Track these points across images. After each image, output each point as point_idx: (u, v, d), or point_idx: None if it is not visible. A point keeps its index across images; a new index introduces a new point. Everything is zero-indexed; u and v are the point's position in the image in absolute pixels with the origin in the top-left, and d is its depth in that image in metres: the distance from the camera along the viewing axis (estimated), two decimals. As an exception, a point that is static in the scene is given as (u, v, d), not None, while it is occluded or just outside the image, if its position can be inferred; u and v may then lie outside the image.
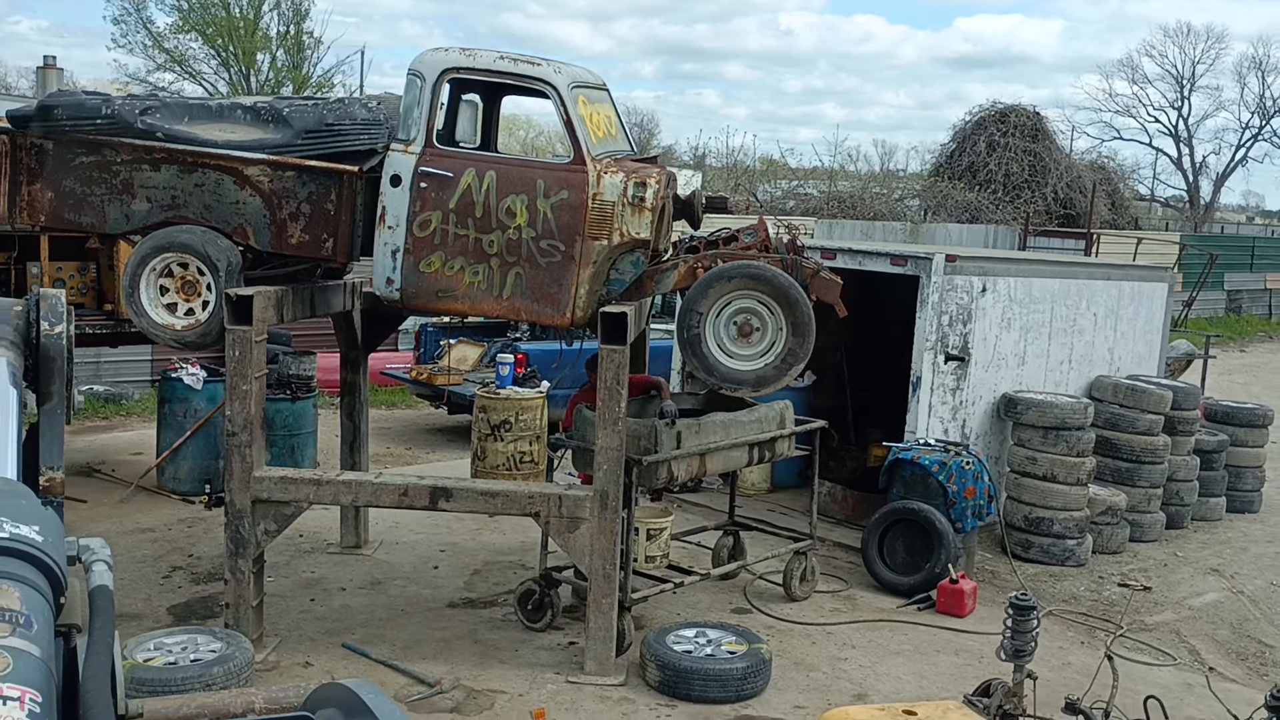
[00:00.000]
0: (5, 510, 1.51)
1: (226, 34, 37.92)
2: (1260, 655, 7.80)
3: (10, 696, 1.25)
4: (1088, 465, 9.42)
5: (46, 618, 1.44)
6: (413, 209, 6.43)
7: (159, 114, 6.58)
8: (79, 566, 1.65)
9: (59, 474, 2.13)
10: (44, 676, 1.33)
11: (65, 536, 1.63)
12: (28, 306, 2.22)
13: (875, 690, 6.63)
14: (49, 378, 2.21)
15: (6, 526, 1.48)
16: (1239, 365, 24.36)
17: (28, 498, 1.60)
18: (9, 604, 1.38)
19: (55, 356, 2.20)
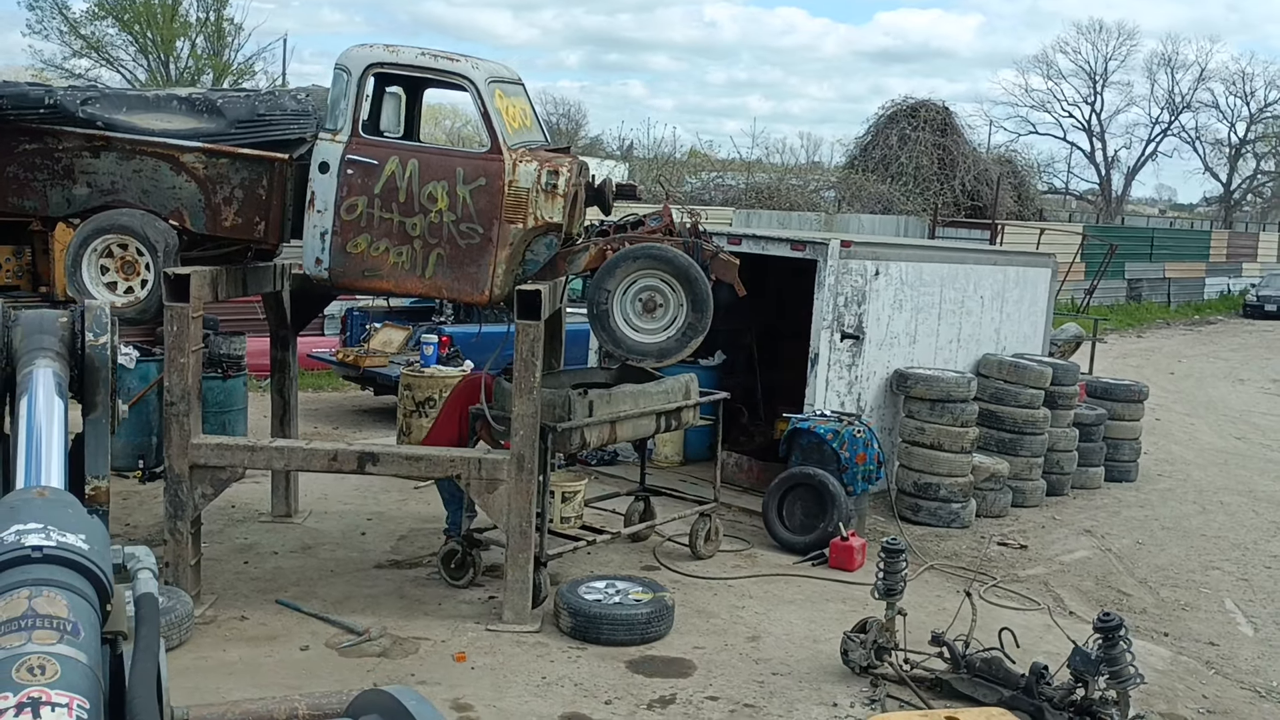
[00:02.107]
0: (52, 519, 1.52)
1: (145, 20, 37.50)
2: (1119, 602, 8.61)
3: (58, 703, 1.25)
4: (971, 435, 10.21)
5: (93, 625, 1.44)
6: (340, 194, 6.93)
7: (99, 104, 7.00)
8: (124, 574, 1.66)
9: (104, 483, 2.20)
10: (91, 683, 1.33)
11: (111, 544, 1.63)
12: (72, 317, 2.22)
13: (768, 633, 7.30)
14: (94, 388, 2.21)
15: (54, 535, 1.49)
16: (1135, 350, 25.59)
17: (74, 506, 1.62)
18: (56, 611, 1.38)
19: (100, 367, 2.20)
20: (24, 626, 1.35)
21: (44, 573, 1.44)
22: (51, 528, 1.50)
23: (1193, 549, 10.21)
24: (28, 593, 1.40)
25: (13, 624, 1.35)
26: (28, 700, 1.24)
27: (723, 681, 6.52)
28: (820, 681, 6.58)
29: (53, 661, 1.31)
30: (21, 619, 1.36)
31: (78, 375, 2.18)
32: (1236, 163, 67.67)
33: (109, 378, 2.24)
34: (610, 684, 6.38)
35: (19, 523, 1.49)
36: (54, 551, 1.47)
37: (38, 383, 2.02)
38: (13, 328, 2.16)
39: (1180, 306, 35.82)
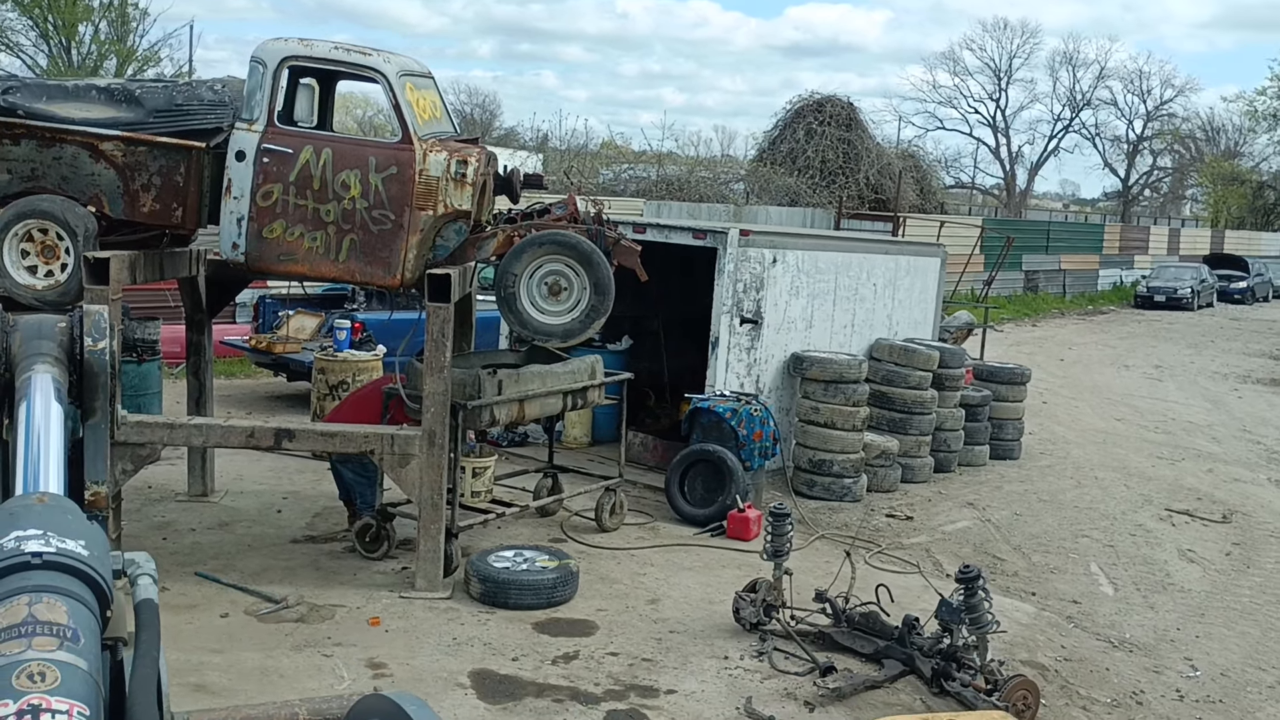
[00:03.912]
0: (52, 525, 1.51)
1: (45, 4, 36.61)
2: (993, 566, 9.26)
3: (59, 710, 1.24)
4: (862, 414, 10.82)
5: (93, 631, 1.42)
6: (256, 181, 7.23)
7: (19, 93, 7.21)
8: (124, 580, 1.66)
9: (103, 488, 2.19)
10: (91, 689, 1.32)
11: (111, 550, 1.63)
12: (71, 323, 2.23)
13: (667, 596, 7.79)
14: (93, 393, 2.22)
15: (53, 541, 1.48)
16: (1029, 338, 26.65)
17: (74, 513, 1.61)
18: (56, 618, 1.37)
19: (99, 372, 2.20)
20: (24, 633, 1.34)
21: (44, 579, 1.43)
22: (51, 534, 1.48)
23: (1066, 519, 10.96)
24: (27, 599, 1.39)
25: (13, 630, 1.34)
26: (28, 707, 1.23)
27: (623, 639, 6.99)
28: (713, 638, 7.08)
29: (53, 668, 1.29)
30: (21, 625, 1.35)
31: (76, 380, 2.18)
32: (1134, 159, 70.16)
33: (108, 383, 2.23)
34: (518, 643, 6.81)
35: (18, 529, 1.49)
36: (54, 558, 1.45)
37: (36, 388, 2.03)
38: (11, 333, 2.17)
39: (1075, 297, 37.22)
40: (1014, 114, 67.68)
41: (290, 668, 6.24)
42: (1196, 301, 36.60)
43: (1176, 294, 36.33)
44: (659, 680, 6.42)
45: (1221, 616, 8.61)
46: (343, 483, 8.44)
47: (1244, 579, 9.57)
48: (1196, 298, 36.65)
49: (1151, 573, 9.52)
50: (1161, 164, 71.82)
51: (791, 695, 6.34)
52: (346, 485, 8.39)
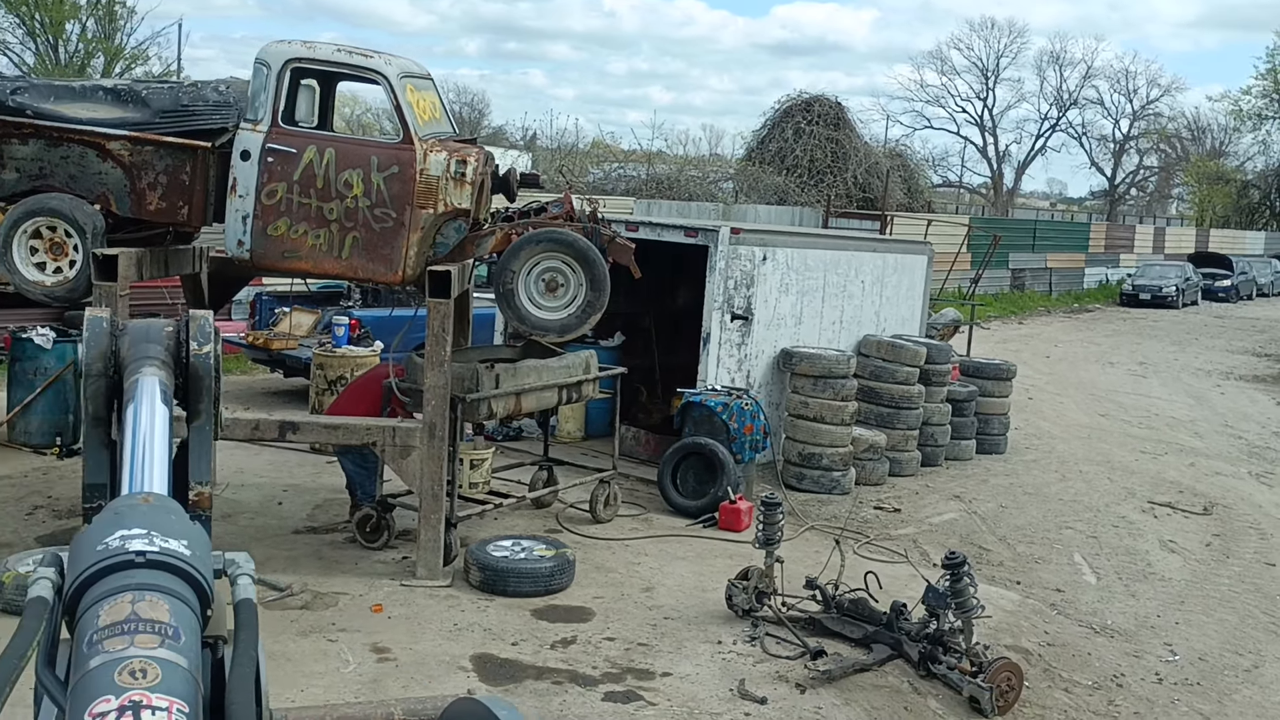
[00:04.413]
0: (156, 525, 1.54)
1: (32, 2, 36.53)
2: (979, 556, 9.48)
3: (159, 707, 1.26)
4: (850, 408, 11.04)
5: (194, 630, 1.45)
6: (261, 180, 7.41)
7: (28, 93, 7.38)
8: (224, 580, 1.68)
9: (207, 489, 2.22)
10: (190, 687, 1.34)
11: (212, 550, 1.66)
12: (178, 327, 2.27)
13: (661, 584, 7.99)
14: (198, 396, 2.25)
15: (157, 540, 1.50)
16: (1015, 335, 26.93)
17: (177, 513, 1.64)
18: (158, 616, 1.40)
19: (204, 375, 2.24)
20: (127, 630, 1.37)
21: (147, 578, 1.46)
22: (155, 533, 1.52)
23: (1050, 511, 11.19)
24: (131, 597, 1.42)
25: (116, 628, 1.37)
26: (129, 703, 1.26)
27: (619, 625, 7.19)
28: (707, 624, 7.29)
29: (154, 665, 1.32)
30: (125, 623, 1.38)
31: (182, 383, 2.24)
32: (1120, 158, 70.65)
33: (212, 386, 2.27)
34: (516, 629, 7.00)
35: (124, 528, 1.52)
36: (157, 557, 1.48)
37: (144, 391, 2.08)
38: (120, 337, 2.22)
39: (1061, 295, 37.55)
40: (1001, 113, 68.18)
41: (297, 652, 6.43)
42: (1181, 300, 36.95)
43: (1161, 292, 36.67)
44: (655, 664, 6.63)
45: (1201, 604, 8.85)
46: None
47: (1223, 568, 9.81)
48: (1181, 296, 37.00)
49: (1133, 562, 9.75)
50: (1148, 163, 72.37)
51: (783, 678, 6.55)
52: (348, 475, 8.57)
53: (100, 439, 2.19)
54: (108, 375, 2.19)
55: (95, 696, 1.27)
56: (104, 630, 1.37)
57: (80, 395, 2.17)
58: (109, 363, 2.19)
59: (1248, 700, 7.09)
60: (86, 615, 1.42)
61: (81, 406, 2.18)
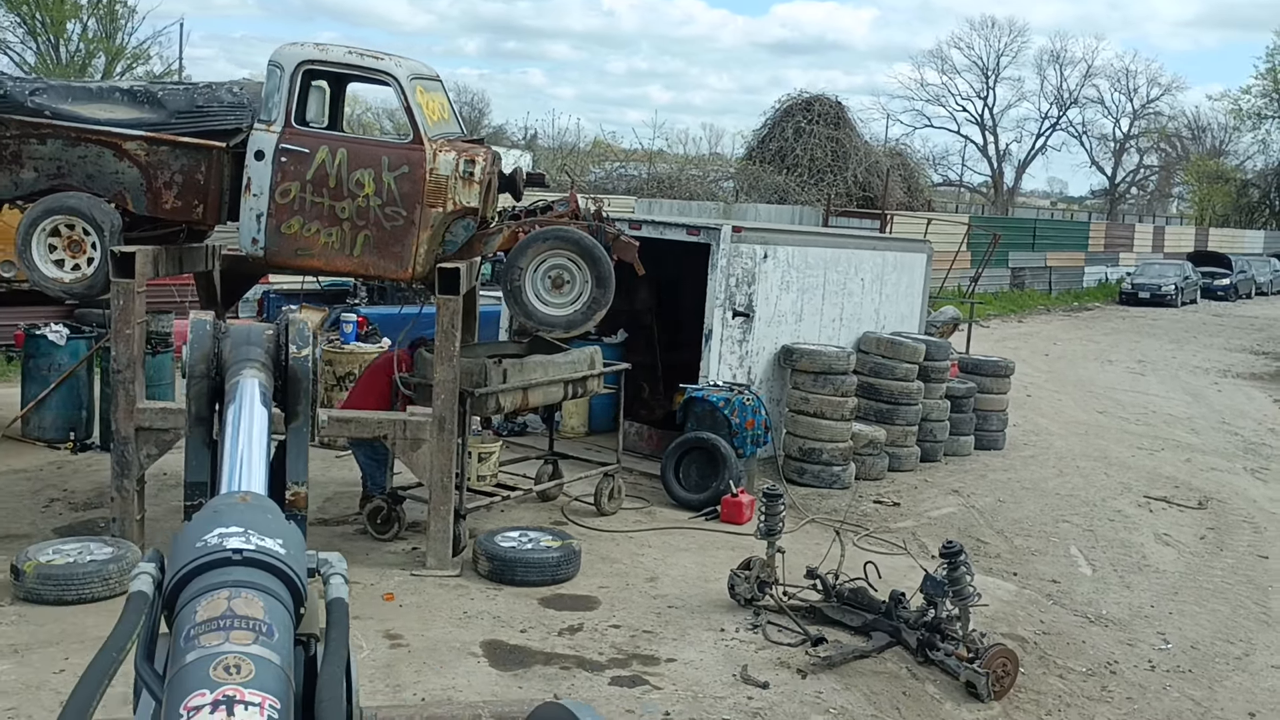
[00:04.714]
0: (252, 523, 1.57)
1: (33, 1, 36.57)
2: (977, 549, 9.65)
3: (251, 702, 1.29)
4: (850, 404, 11.21)
5: (287, 627, 1.47)
6: (275, 179, 7.59)
7: (46, 94, 7.55)
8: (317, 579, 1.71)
9: (303, 489, 2.23)
10: (283, 684, 1.36)
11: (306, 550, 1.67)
12: (278, 330, 2.31)
13: (665, 575, 8.17)
14: (296, 398, 2.29)
15: (253, 539, 1.53)
16: (1014, 334, 27.09)
17: (274, 512, 1.67)
18: (253, 613, 1.42)
19: (302, 378, 2.27)
20: (222, 626, 1.39)
21: (243, 575, 1.49)
22: (252, 532, 1.54)
23: (1047, 505, 11.37)
24: (227, 593, 1.45)
25: (212, 623, 1.40)
26: (223, 698, 1.28)
27: (624, 613, 7.37)
28: (710, 612, 7.47)
29: (248, 661, 1.34)
30: (221, 619, 1.41)
31: (281, 385, 2.28)
32: (1121, 157, 70.81)
33: (310, 388, 2.30)
34: (525, 616, 7.18)
35: (222, 526, 1.55)
36: (253, 555, 1.51)
37: (244, 392, 2.13)
38: (223, 339, 2.27)
39: (1060, 294, 37.71)
40: (1001, 112, 68.34)
41: (311, 639, 6.60)
42: (1180, 298, 37.11)
43: (1161, 291, 36.83)
44: (659, 650, 6.80)
45: (1194, 595, 9.03)
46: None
47: (1217, 560, 9.99)
48: (1180, 294, 37.17)
49: (1128, 554, 9.93)
50: (1148, 162, 72.52)
51: (785, 664, 6.73)
52: (362, 468, 8.74)
53: (202, 438, 2.24)
54: (210, 377, 2.24)
55: (190, 690, 1.29)
56: (200, 625, 1.40)
57: (187, 395, 2.24)
58: (211, 364, 2.24)
59: (1238, 686, 7.27)
60: (184, 610, 1.45)
61: (186, 406, 2.25)
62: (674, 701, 6.15)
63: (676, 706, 6.09)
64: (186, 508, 2.12)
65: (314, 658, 1.62)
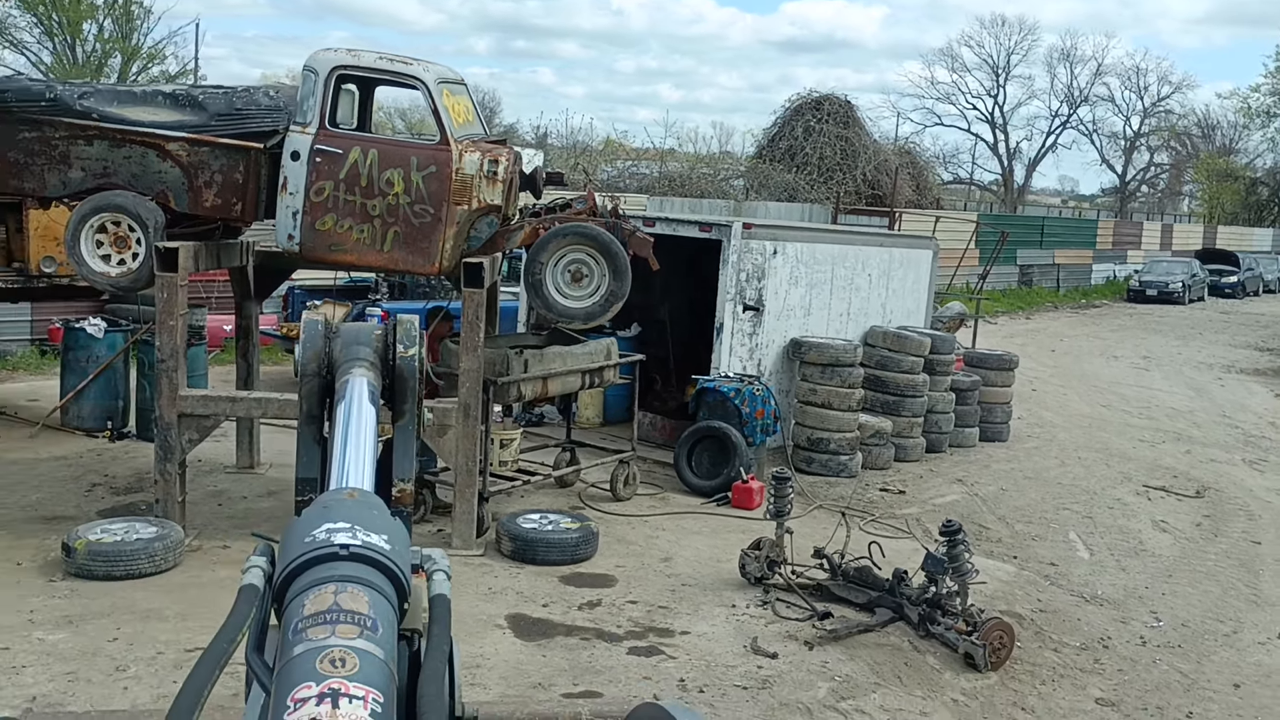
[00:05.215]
0: (359, 519, 1.59)
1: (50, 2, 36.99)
2: (979, 534, 10.02)
3: (356, 695, 1.30)
4: (857, 395, 11.59)
5: (391, 622, 1.48)
6: (309, 179, 8.00)
7: (94, 98, 7.98)
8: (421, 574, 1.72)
9: (409, 485, 2.26)
10: (386, 678, 1.37)
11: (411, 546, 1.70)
12: (386, 330, 2.36)
13: (679, 555, 8.57)
14: (403, 396, 2.32)
15: (360, 534, 1.54)
16: (1021, 330, 27.42)
17: (379, 508, 1.68)
18: (358, 607, 1.43)
19: (409, 377, 2.30)
20: (329, 620, 1.41)
21: (349, 570, 1.50)
22: (358, 527, 1.56)
23: (1048, 494, 11.73)
24: (334, 588, 1.46)
25: (319, 617, 1.41)
26: (328, 691, 1.29)
27: (640, 590, 7.77)
28: (721, 589, 7.86)
29: (353, 655, 1.35)
30: (327, 613, 1.42)
31: (389, 384, 2.31)
32: (1131, 155, 70.94)
33: (416, 387, 2.33)
34: (546, 592, 7.58)
35: (330, 521, 1.57)
36: (359, 550, 1.52)
37: (353, 390, 2.16)
38: (333, 339, 2.32)
39: (1068, 291, 37.99)
40: (1012, 110, 68.50)
41: (347, 611, 7.01)
42: (1188, 295, 37.38)
43: (1168, 288, 37.11)
44: (674, 624, 7.20)
45: (1187, 577, 9.39)
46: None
47: (1211, 546, 10.35)
48: (1188, 292, 37.43)
49: (1125, 540, 10.29)
50: (1158, 160, 72.61)
51: (792, 637, 7.12)
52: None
53: (313, 435, 2.28)
54: (321, 375, 2.29)
55: (297, 682, 1.31)
56: (308, 619, 1.41)
57: (299, 393, 2.32)
58: (322, 363, 2.29)
59: (1224, 660, 7.63)
60: (293, 604, 1.47)
61: (298, 404, 2.31)
62: (688, 670, 6.55)
63: (691, 674, 6.48)
64: (297, 503, 2.16)
65: (417, 653, 1.65)
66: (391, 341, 2.33)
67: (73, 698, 5.71)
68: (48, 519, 8.50)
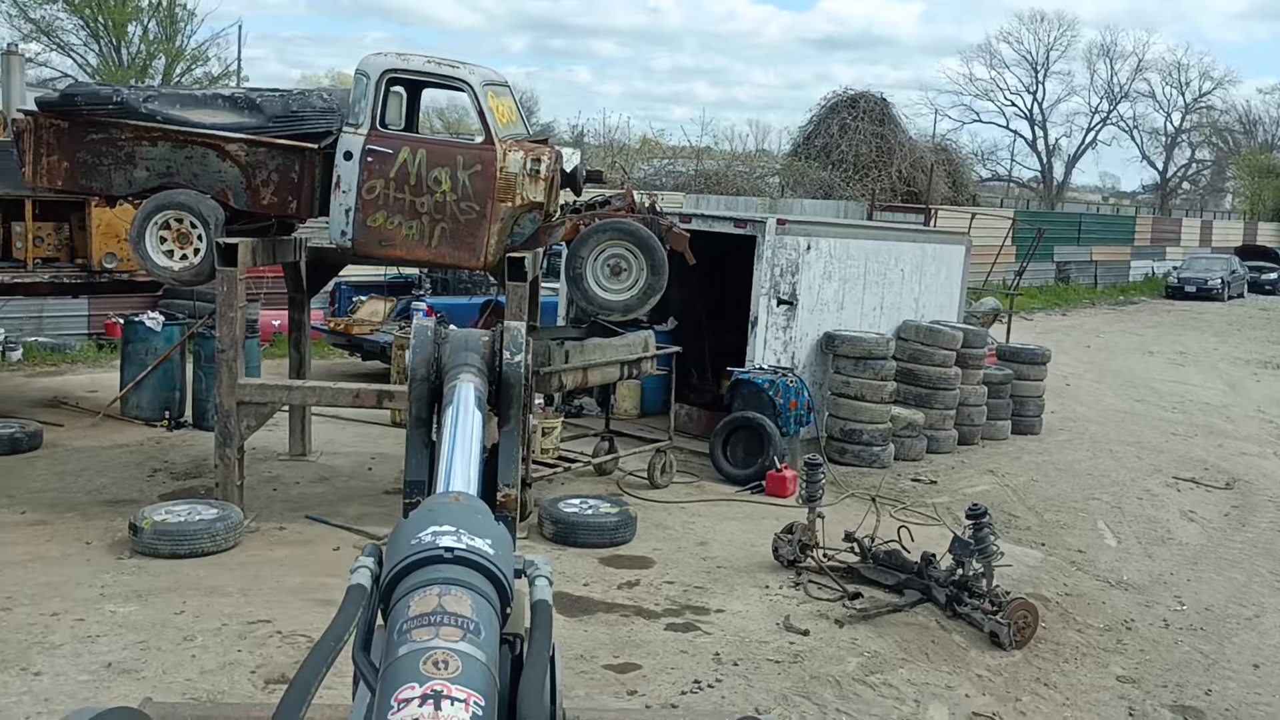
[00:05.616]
0: (464, 523, 1.59)
1: (95, 4, 37.67)
2: (1007, 522, 10.25)
3: (457, 698, 1.30)
4: (889, 387, 11.85)
5: (494, 626, 1.47)
6: (361, 178, 8.38)
7: (157, 101, 8.40)
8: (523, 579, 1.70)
9: (514, 491, 2.27)
10: (488, 681, 1.36)
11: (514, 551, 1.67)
12: (493, 337, 2.35)
13: (714, 540, 8.88)
14: (509, 402, 2.32)
15: (464, 538, 1.55)
16: (1057, 327, 27.48)
17: (484, 513, 1.69)
18: (461, 610, 1.44)
19: (514, 383, 2.29)
20: (433, 622, 1.42)
21: (453, 573, 1.51)
22: (463, 531, 1.57)
23: (1078, 485, 11.93)
24: (438, 590, 1.48)
25: (423, 619, 1.43)
26: (431, 692, 1.30)
27: (677, 571, 8.09)
28: (755, 572, 8.17)
29: (455, 658, 1.36)
30: (432, 615, 1.43)
31: (495, 390, 2.32)
32: (1172, 151, 70.31)
33: (521, 394, 2.34)
34: (587, 573, 7.92)
35: (435, 524, 1.59)
36: (463, 554, 1.53)
37: (461, 396, 2.18)
38: (442, 345, 2.36)
39: (1106, 288, 37.93)
40: (1051, 107, 68.14)
41: (398, 588, 7.38)
42: (1227, 292, 37.20)
43: (1207, 285, 36.95)
44: (709, 602, 7.51)
45: (1213, 565, 9.58)
46: None
47: (1238, 535, 10.52)
48: (1227, 288, 37.25)
49: (1153, 529, 10.49)
50: (1200, 157, 71.94)
51: (823, 615, 7.41)
52: None
53: (421, 439, 2.31)
54: (430, 380, 2.33)
55: (401, 683, 1.33)
56: (412, 620, 1.43)
57: (408, 397, 2.37)
58: (431, 368, 2.33)
59: (1245, 643, 7.84)
60: (399, 605, 1.50)
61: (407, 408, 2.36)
62: (723, 645, 6.86)
63: (725, 649, 6.79)
64: (405, 505, 2.19)
65: (519, 657, 1.65)
66: (499, 348, 2.37)
67: (144, 664, 6.10)
68: (112, 502, 8.94)
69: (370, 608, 1.60)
